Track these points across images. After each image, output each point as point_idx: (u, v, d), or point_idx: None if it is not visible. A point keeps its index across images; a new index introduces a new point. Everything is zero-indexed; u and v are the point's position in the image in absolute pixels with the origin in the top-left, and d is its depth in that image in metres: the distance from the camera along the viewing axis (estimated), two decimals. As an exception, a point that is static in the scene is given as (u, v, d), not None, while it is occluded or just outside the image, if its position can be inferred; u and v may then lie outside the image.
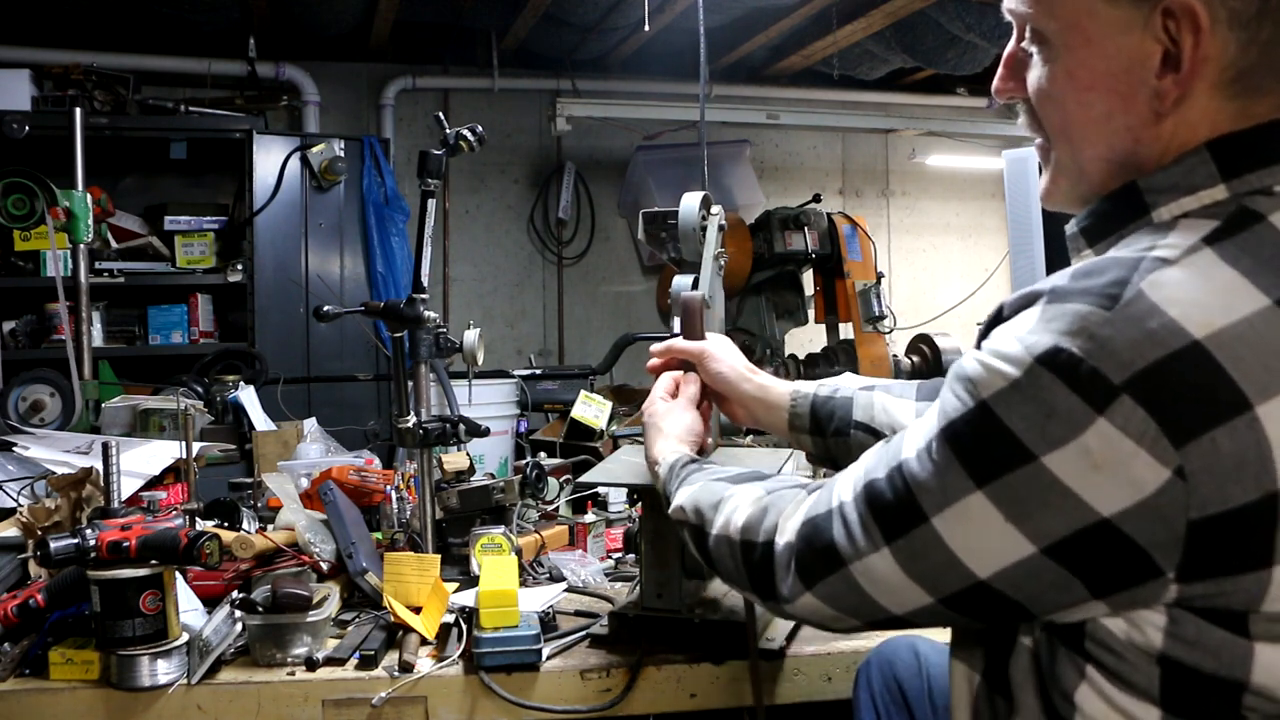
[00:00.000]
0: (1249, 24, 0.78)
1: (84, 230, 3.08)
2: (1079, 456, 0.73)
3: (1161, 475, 0.71)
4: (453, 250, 5.46)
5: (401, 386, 1.83)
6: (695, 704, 1.46)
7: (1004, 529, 0.78)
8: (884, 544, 0.86)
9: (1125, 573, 0.75)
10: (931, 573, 0.84)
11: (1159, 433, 0.71)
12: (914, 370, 3.71)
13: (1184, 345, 0.71)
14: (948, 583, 0.83)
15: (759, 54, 5.37)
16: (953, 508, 0.80)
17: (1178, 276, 0.75)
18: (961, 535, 0.81)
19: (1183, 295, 0.73)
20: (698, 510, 1.12)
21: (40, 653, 1.44)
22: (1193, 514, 0.71)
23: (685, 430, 1.35)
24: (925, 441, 0.84)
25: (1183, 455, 0.71)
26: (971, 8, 4.38)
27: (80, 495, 1.79)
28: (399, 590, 1.62)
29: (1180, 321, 0.72)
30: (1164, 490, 0.71)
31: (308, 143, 4.44)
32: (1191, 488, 0.71)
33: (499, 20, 4.90)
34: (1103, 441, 0.72)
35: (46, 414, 3.44)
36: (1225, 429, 0.70)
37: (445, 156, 1.87)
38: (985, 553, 0.80)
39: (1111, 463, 0.72)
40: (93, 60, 4.37)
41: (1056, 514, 0.75)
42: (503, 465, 2.93)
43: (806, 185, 5.62)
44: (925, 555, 0.83)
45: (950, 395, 0.82)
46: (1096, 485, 0.73)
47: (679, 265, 1.53)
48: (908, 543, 0.84)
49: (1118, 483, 0.73)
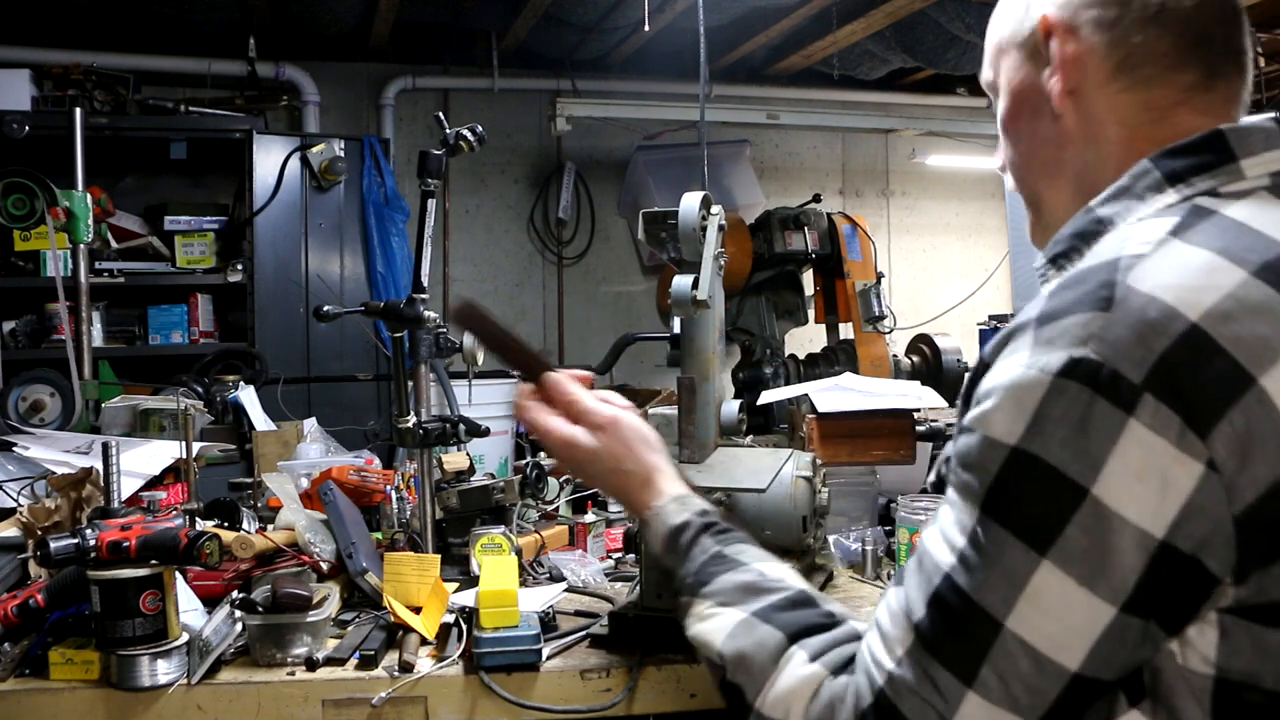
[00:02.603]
0: (1112, 26, 0.89)
1: (84, 230, 3.08)
2: (1122, 471, 0.72)
3: (1195, 471, 0.71)
4: (453, 250, 5.46)
5: (401, 386, 1.83)
6: (695, 704, 1.46)
7: (1080, 598, 0.74)
8: (966, 687, 0.77)
9: (1191, 596, 0.73)
10: (1026, 691, 0.75)
11: (1183, 426, 0.71)
12: (914, 370, 3.71)
13: (1185, 329, 0.72)
14: (1043, 692, 0.75)
15: (759, 54, 5.37)
16: (1023, 595, 0.75)
17: (1157, 265, 0.76)
18: (1040, 625, 0.75)
19: (1169, 280, 0.75)
20: (741, 662, 0.91)
21: (40, 653, 1.44)
22: (1235, 508, 0.71)
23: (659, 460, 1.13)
24: (963, 536, 0.78)
25: (1209, 445, 0.71)
26: (971, 8, 4.38)
27: (80, 495, 1.79)
28: (399, 590, 1.62)
29: (1176, 306, 0.73)
30: (1201, 488, 0.71)
31: (308, 143, 4.44)
32: (1226, 478, 0.71)
33: (499, 20, 4.90)
34: (1139, 446, 0.72)
35: (46, 414, 3.44)
36: (1239, 408, 0.71)
37: (445, 156, 1.87)
38: (1070, 636, 0.75)
39: (1150, 469, 0.72)
40: (93, 60, 4.37)
41: (1123, 556, 0.73)
42: (503, 465, 2.93)
43: (806, 185, 5.62)
44: (1013, 672, 0.75)
45: (967, 476, 0.79)
46: (1143, 500, 0.72)
47: (679, 265, 1.54)
48: (991, 668, 0.76)
49: (1160, 491, 0.72)
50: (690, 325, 1.58)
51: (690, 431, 1.56)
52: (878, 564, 1.92)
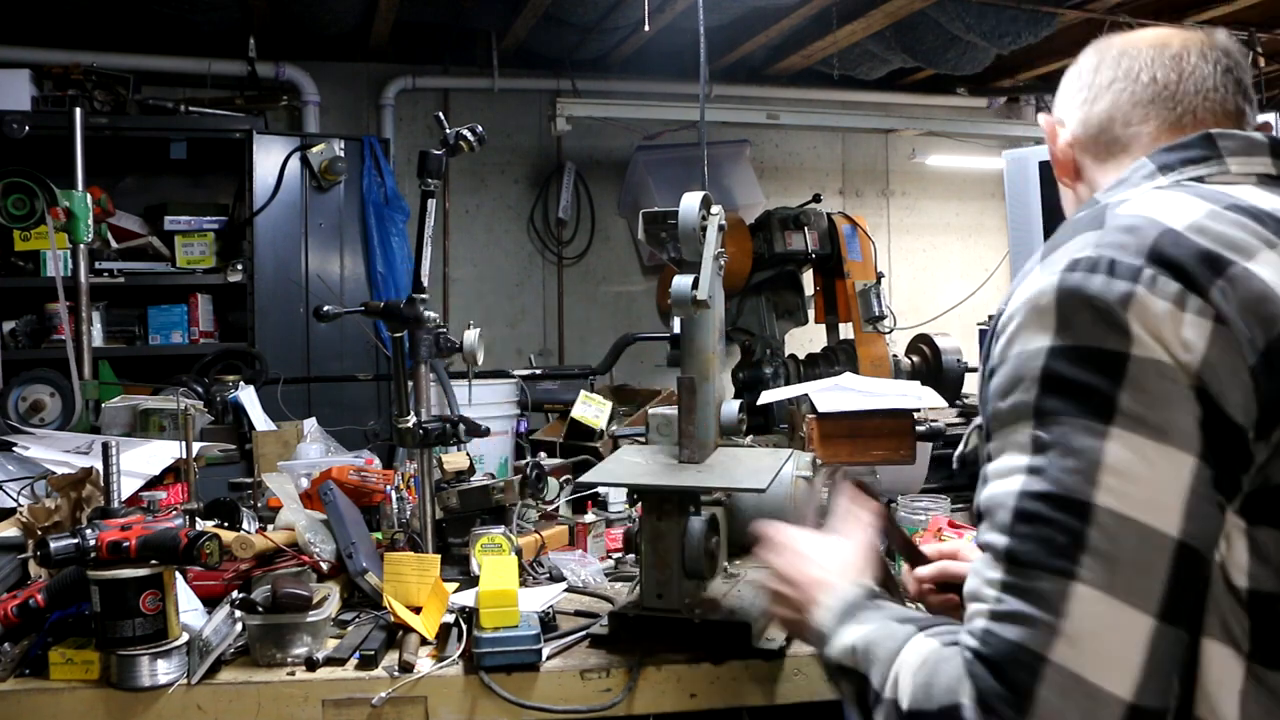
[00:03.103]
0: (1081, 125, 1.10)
1: (84, 230, 3.08)
2: (1142, 331, 0.79)
3: (1206, 327, 0.78)
4: (453, 250, 5.46)
5: (401, 386, 1.83)
6: (695, 704, 1.47)
7: (1159, 454, 0.76)
8: (1070, 581, 0.75)
9: (1236, 444, 0.77)
10: (1137, 572, 0.75)
11: (1183, 290, 0.79)
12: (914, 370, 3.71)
13: (1166, 229, 0.85)
14: (1155, 571, 0.75)
15: (759, 54, 5.37)
16: (1103, 468, 0.76)
17: (1139, 201, 0.91)
18: (1130, 491, 0.76)
19: (1147, 207, 0.89)
20: (869, 650, 0.91)
21: (40, 653, 1.44)
22: (1247, 354, 0.78)
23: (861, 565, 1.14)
24: (1025, 455, 0.80)
25: (1213, 302, 0.79)
26: (971, 8, 4.38)
27: (80, 495, 1.79)
28: (399, 590, 1.62)
29: (1156, 217, 0.86)
30: (1216, 340, 0.78)
31: (308, 143, 4.44)
32: (1235, 331, 0.78)
33: (499, 20, 4.90)
34: (1147, 308, 0.79)
35: (46, 414, 3.44)
36: (1227, 276, 0.80)
37: (445, 156, 1.87)
38: (1162, 496, 0.76)
39: (1164, 328, 0.78)
40: (93, 60, 4.36)
41: (1179, 405, 0.77)
42: (503, 465, 2.93)
43: (806, 185, 5.62)
44: (1117, 552, 0.75)
45: (1013, 398, 0.83)
46: (1175, 351, 0.78)
47: (679, 265, 1.54)
48: (1092, 555, 0.75)
49: (1178, 345, 0.78)
50: (690, 325, 1.58)
51: (690, 431, 1.56)
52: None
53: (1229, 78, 1.04)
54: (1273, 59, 4.99)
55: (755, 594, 1.63)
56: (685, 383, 1.56)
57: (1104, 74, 1.09)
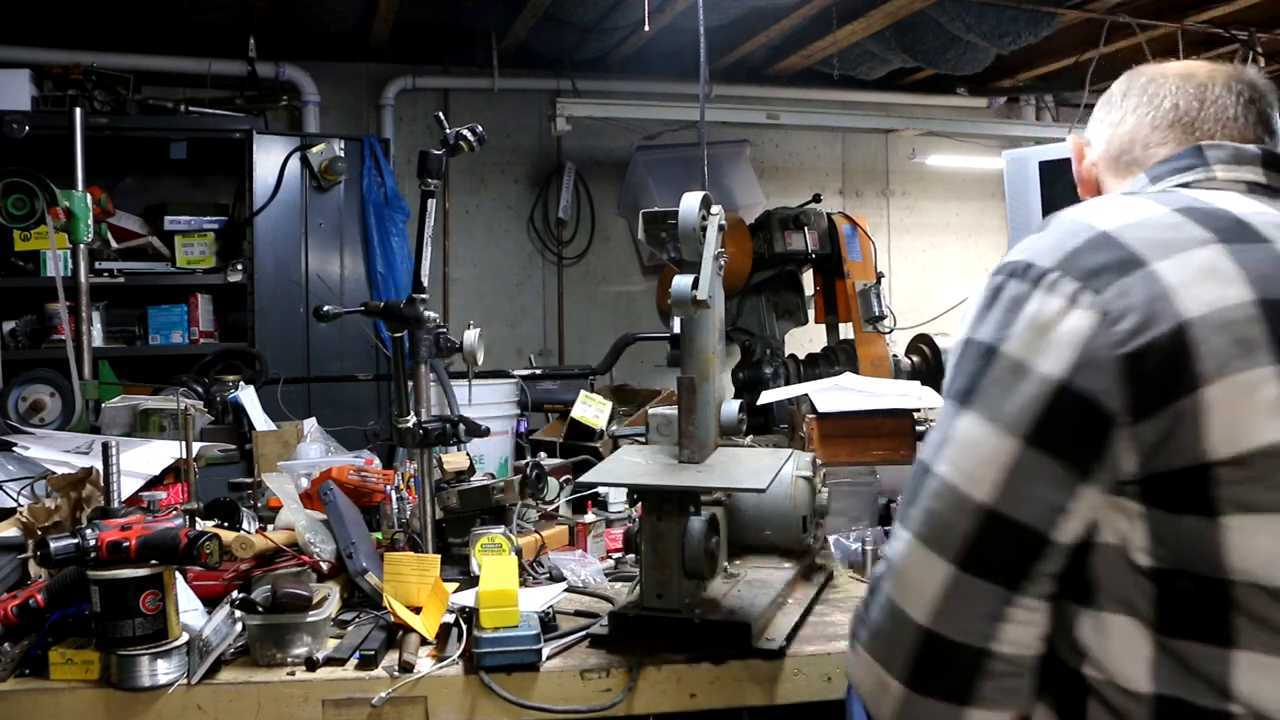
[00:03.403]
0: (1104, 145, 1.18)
1: (84, 230, 3.08)
2: (1029, 329, 0.90)
3: (1089, 320, 0.87)
4: (453, 250, 5.46)
5: (401, 386, 1.83)
6: (695, 704, 1.47)
7: (989, 435, 0.90)
8: (903, 529, 0.94)
9: (1092, 432, 0.86)
10: (944, 526, 0.91)
11: (1081, 289, 0.89)
12: (914, 370, 3.71)
13: (1096, 233, 0.92)
14: (958, 528, 0.90)
15: (759, 54, 5.36)
16: (947, 441, 0.93)
17: (1089, 206, 0.99)
18: (955, 460, 0.91)
19: (1092, 211, 0.96)
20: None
21: (40, 653, 1.44)
22: (1121, 349, 0.86)
23: None
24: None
25: (1105, 301, 0.87)
26: (971, 8, 4.38)
27: (80, 495, 1.79)
28: (399, 590, 1.62)
29: (1093, 222, 0.94)
30: (1096, 334, 0.87)
31: (308, 143, 4.44)
32: (1113, 326, 0.86)
33: (499, 20, 4.90)
34: (1042, 307, 0.90)
35: (46, 414, 3.44)
36: (1131, 278, 0.88)
37: (445, 156, 1.87)
38: (981, 469, 0.90)
39: (1050, 324, 0.89)
40: (93, 60, 4.36)
41: (1024, 396, 0.88)
42: (503, 465, 2.93)
43: (806, 185, 5.62)
44: (935, 509, 0.92)
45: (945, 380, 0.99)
46: (1043, 349, 0.88)
47: (679, 265, 1.54)
48: (919, 507, 0.93)
49: (1060, 340, 0.88)
50: (690, 325, 1.58)
51: (690, 431, 1.56)
52: (876, 563, 1.91)
53: (1252, 109, 1.09)
54: (1273, 59, 4.99)
55: (755, 594, 1.63)
56: (685, 383, 1.56)
57: (1130, 100, 1.15)
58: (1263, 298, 0.86)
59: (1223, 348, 0.84)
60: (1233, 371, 0.83)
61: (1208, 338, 0.84)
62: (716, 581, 1.64)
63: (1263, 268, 0.88)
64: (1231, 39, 4.74)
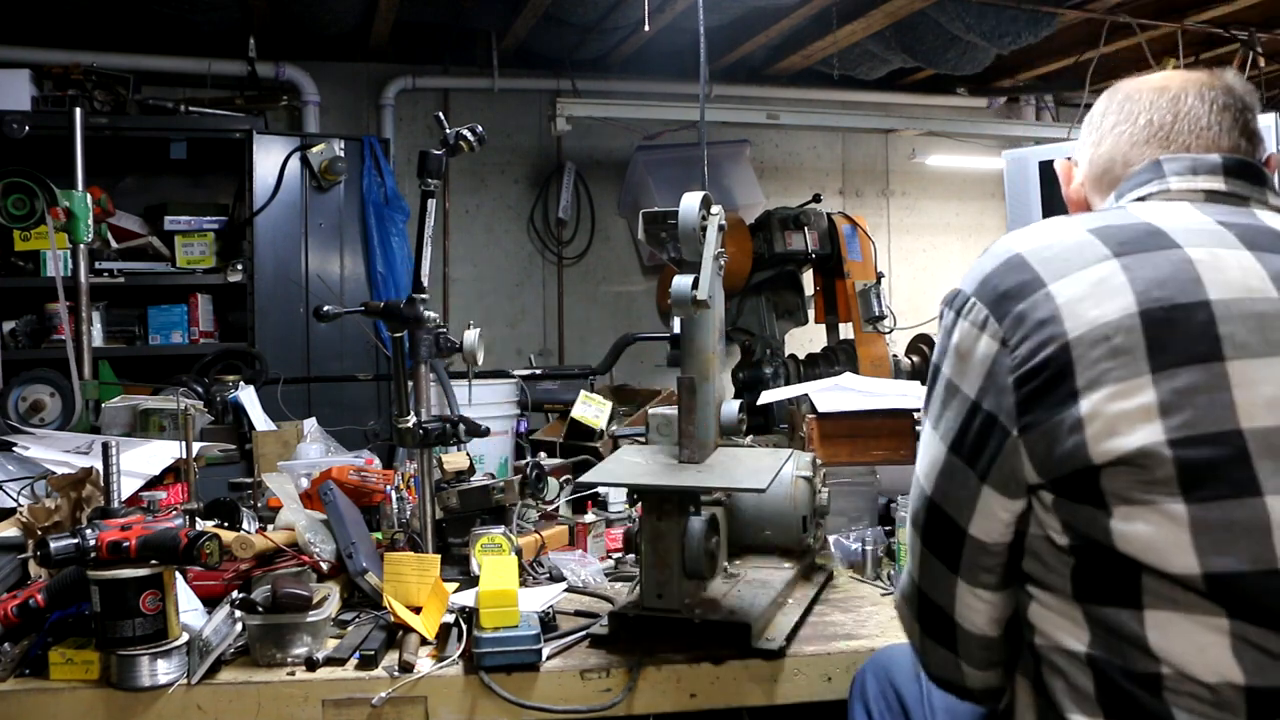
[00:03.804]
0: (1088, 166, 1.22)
1: (84, 230, 3.08)
2: (953, 352, 1.03)
3: (993, 347, 0.99)
4: (453, 250, 5.46)
5: (401, 386, 1.83)
6: (695, 704, 1.47)
7: (931, 442, 1.06)
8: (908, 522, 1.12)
9: (988, 440, 0.99)
10: (913, 510, 1.09)
11: (989, 316, 0.99)
12: (914, 370, 3.71)
13: (1010, 256, 1.02)
14: (918, 511, 1.07)
15: (759, 54, 5.36)
16: (919, 446, 1.09)
17: (1023, 230, 1.07)
18: (920, 461, 1.08)
19: (1020, 235, 1.05)
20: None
21: (40, 653, 1.44)
22: (1016, 372, 0.96)
23: None
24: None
25: (1005, 328, 0.98)
26: (971, 8, 4.38)
27: (80, 495, 1.79)
28: (399, 590, 1.62)
29: (1013, 246, 1.04)
30: (997, 359, 0.98)
31: (308, 143, 4.44)
32: (1013, 351, 0.97)
33: (499, 20, 4.90)
34: (962, 335, 1.02)
35: (46, 414, 3.44)
36: (1029, 302, 0.97)
37: (445, 156, 1.87)
38: (928, 468, 1.06)
39: (968, 351, 1.01)
40: (93, 60, 4.36)
41: (952, 411, 1.02)
42: (503, 465, 2.93)
43: (806, 185, 5.62)
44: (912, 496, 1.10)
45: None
46: (964, 373, 1.01)
47: (679, 265, 1.54)
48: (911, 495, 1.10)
49: (974, 365, 1.00)
50: (690, 325, 1.58)
51: (690, 431, 1.56)
52: (878, 564, 1.92)
53: (1226, 115, 1.11)
54: (1273, 59, 4.99)
55: (755, 594, 1.63)
56: (685, 383, 1.56)
57: (1109, 119, 1.18)
58: (1144, 309, 0.92)
59: (1100, 361, 0.92)
60: (1109, 383, 0.91)
61: (1085, 354, 0.92)
62: (716, 581, 1.64)
63: (1158, 274, 0.94)
64: (1232, 39, 4.74)
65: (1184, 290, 0.93)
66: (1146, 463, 0.90)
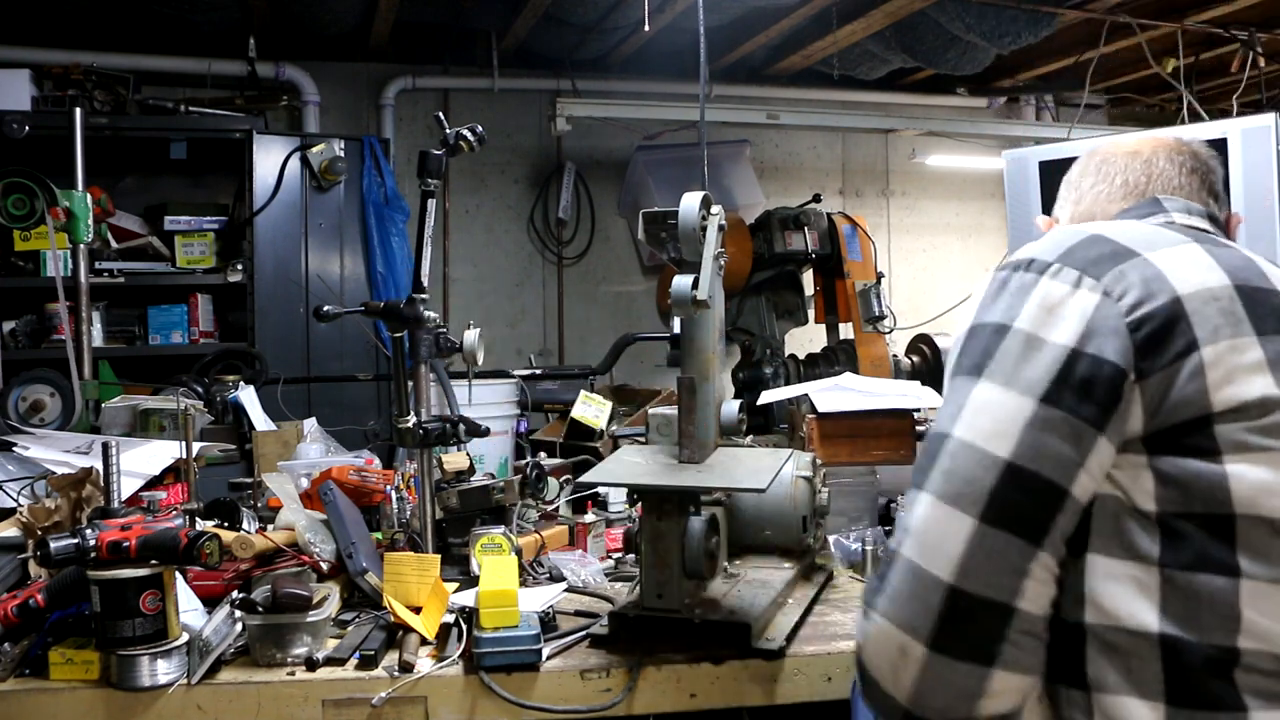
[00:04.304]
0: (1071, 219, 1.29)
1: (84, 230, 3.08)
2: (1038, 308, 0.99)
3: (1093, 299, 0.98)
4: (453, 250, 5.46)
5: (401, 386, 1.83)
6: (695, 704, 1.47)
7: (1005, 397, 0.97)
8: (920, 491, 0.98)
9: (1103, 389, 0.95)
10: (965, 482, 0.95)
11: (1082, 275, 1.00)
12: (914, 370, 3.71)
13: (1091, 233, 1.05)
14: (981, 483, 0.95)
15: (759, 54, 5.36)
16: (965, 408, 0.99)
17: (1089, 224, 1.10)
18: (976, 423, 0.97)
19: (1091, 224, 1.08)
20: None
21: (40, 653, 1.44)
22: (1128, 317, 0.96)
23: None
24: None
25: (1105, 283, 0.98)
26: (971, 8, 4.38)
27: (80, 495, 1.80)
28: (399, 590, 1.62)
29: (1082, 227, 1.06)
30: (1100, 307, 0.97)
31: (308, 143, 4.44)
32: (1118, 300, 0.97)
33: (499, 20, 4.90)
34: (1048, 290, 1.00)
35: (46, 414, 3.44)
36: (1126, 265, 1.00)
37: (445, 156, 1.87)
38: (1001, 426, 0.96)
39: (1058, 303, 0.99)
40: (93, 60, 4.36)
41: (1037, 363, 0.97)
42: (503, 465, 2.93)
43: (806, 185, 5.62)
44: (955, 468, 0.97)
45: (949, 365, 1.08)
46: (1052, 324, 0.98)
47: (679, 265, 1.54)
48: (939, 470, 0.98)
49: (1068, 314, 0.98)
50: (690, 325, 1.58)
51: (690, 431, 1.56)
52: (878, 564, 1.92)
53: (1194, 177, 1.22)
54: (1273, 59, 4.99)
55: (755, 594, 1.63)
56: (685, 383, 1.56)
57: (1087, 179, 1.28)
58: (1238, 284, 0.99)
59: (1212, 318, 0.96)
60: (1223, 337, 0.95)
61: (1199, 309, 0.96)
62: (716, 581, 1.64)
63: (1233, 261, 1.02)
64: (1231, 39, 4.74)
65: (1259, 276, 1.02)
66: (1266, 410, 0.94)
